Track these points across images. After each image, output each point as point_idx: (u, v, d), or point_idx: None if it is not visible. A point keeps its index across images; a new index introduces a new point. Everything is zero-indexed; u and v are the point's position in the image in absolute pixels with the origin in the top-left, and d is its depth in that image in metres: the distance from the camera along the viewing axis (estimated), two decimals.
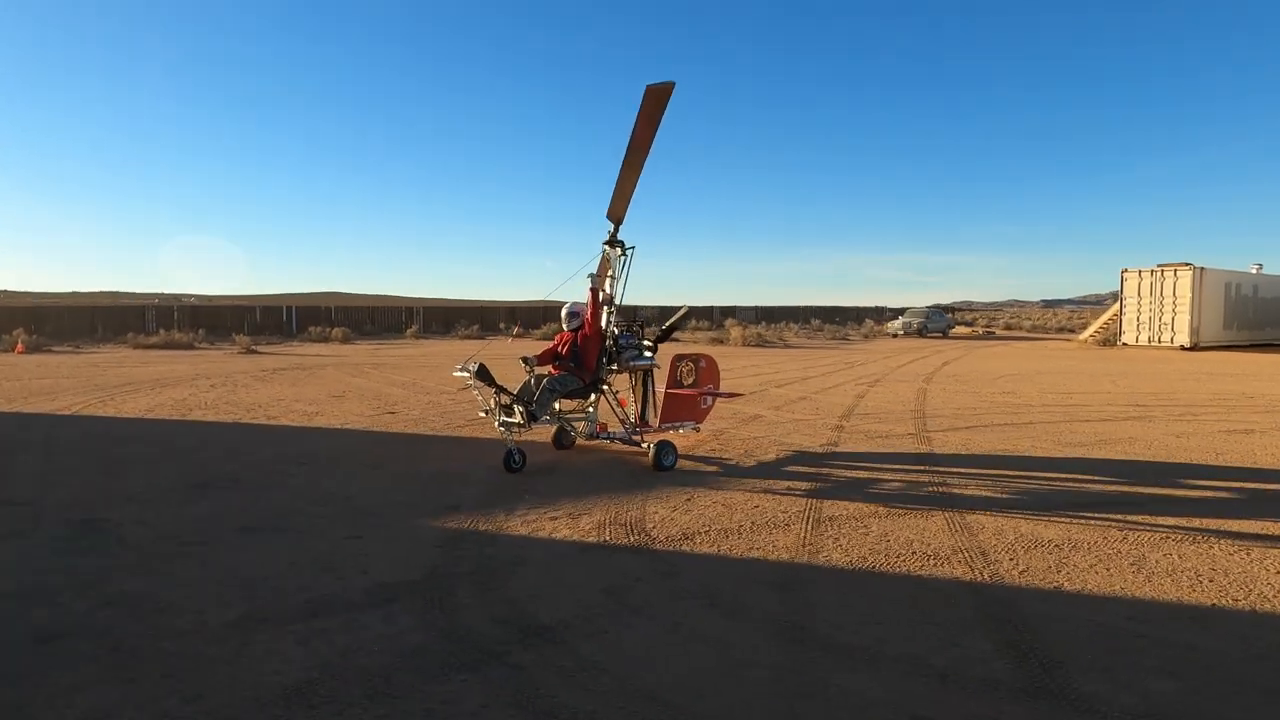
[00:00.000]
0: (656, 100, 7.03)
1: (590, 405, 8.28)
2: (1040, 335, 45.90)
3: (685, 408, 8.44)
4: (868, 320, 57.03)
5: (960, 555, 4.92)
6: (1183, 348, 27.90)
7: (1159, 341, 28.70)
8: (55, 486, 6.90)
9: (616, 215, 8.10)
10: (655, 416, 8.30)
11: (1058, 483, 7.00)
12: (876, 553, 4.99)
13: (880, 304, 66.31)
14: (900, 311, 50.97)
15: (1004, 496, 6.47)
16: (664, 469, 7.43)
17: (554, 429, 8.51)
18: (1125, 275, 29.85)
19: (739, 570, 4.69)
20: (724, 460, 8.02)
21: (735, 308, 62.46)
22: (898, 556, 4.91)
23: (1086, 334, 35.30)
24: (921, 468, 7.64)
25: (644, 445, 7.73)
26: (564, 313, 8.26)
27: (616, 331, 8.32)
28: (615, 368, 8.26)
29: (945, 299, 77.20)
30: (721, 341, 33.20)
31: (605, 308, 8.37)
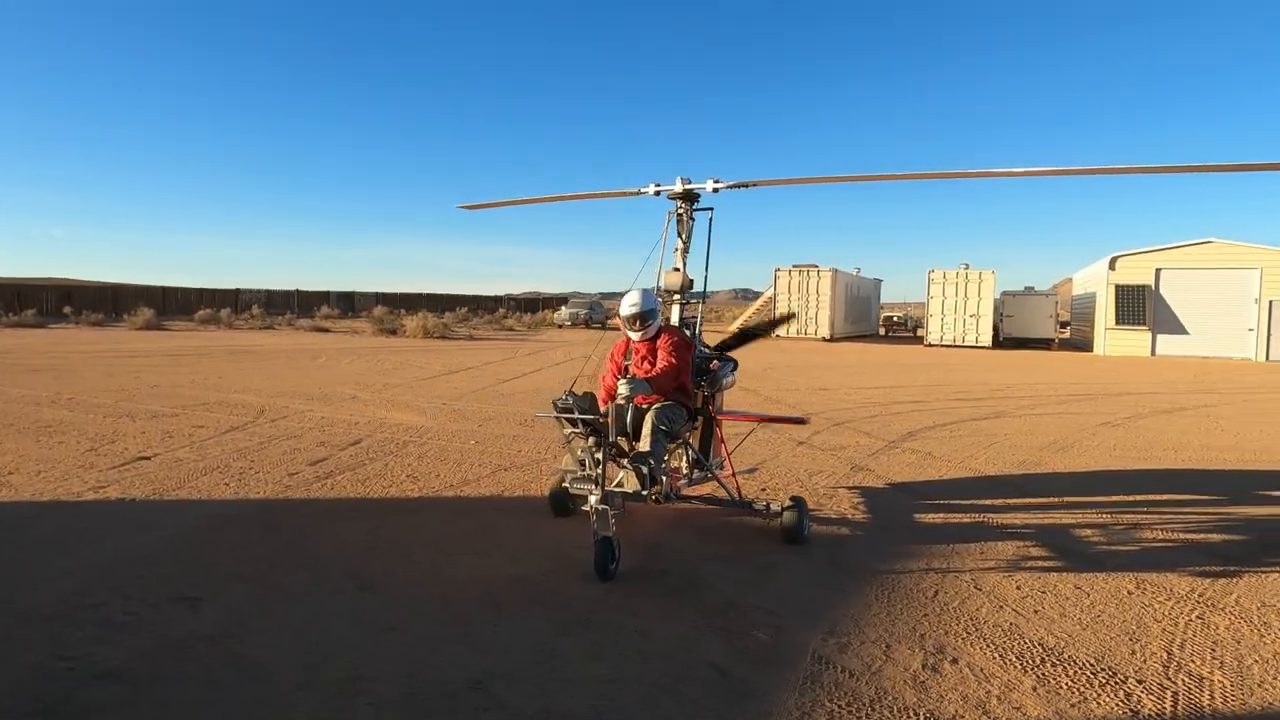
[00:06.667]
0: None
1: (678, 447, 5.32)
2: None
3: (717, 440, 6.00)
4: (499, 309, 56.11)
5: None
6: (824, 339, 31.63)
7: (806, 334, 32.16)
8: None
9: (739, 183, 5.33)
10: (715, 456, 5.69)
11: (1232, 511, 6.24)
12: None
13: (481, 293, 66.07)
14: (563, 300, 54.69)
15: (1245, 538, 5.42)
16: (802, 541, 4.96)
17: (553, 483, 5.46)
18: (778, 273, 32.92)
19: None
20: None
21: (355, 294, 56.53)
22: None
23: (735, 326, 38.48)
24: (1048, 499, 6.37)
25: (767, 505, 5.10)
26: (629, 310, 5.14)
27: (689, 333, 5.56)
28: (705, 389, 5.47)
29: (515, 289, 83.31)
30: (395, 333, 29.03)
31: (678, 296, 5.57)
